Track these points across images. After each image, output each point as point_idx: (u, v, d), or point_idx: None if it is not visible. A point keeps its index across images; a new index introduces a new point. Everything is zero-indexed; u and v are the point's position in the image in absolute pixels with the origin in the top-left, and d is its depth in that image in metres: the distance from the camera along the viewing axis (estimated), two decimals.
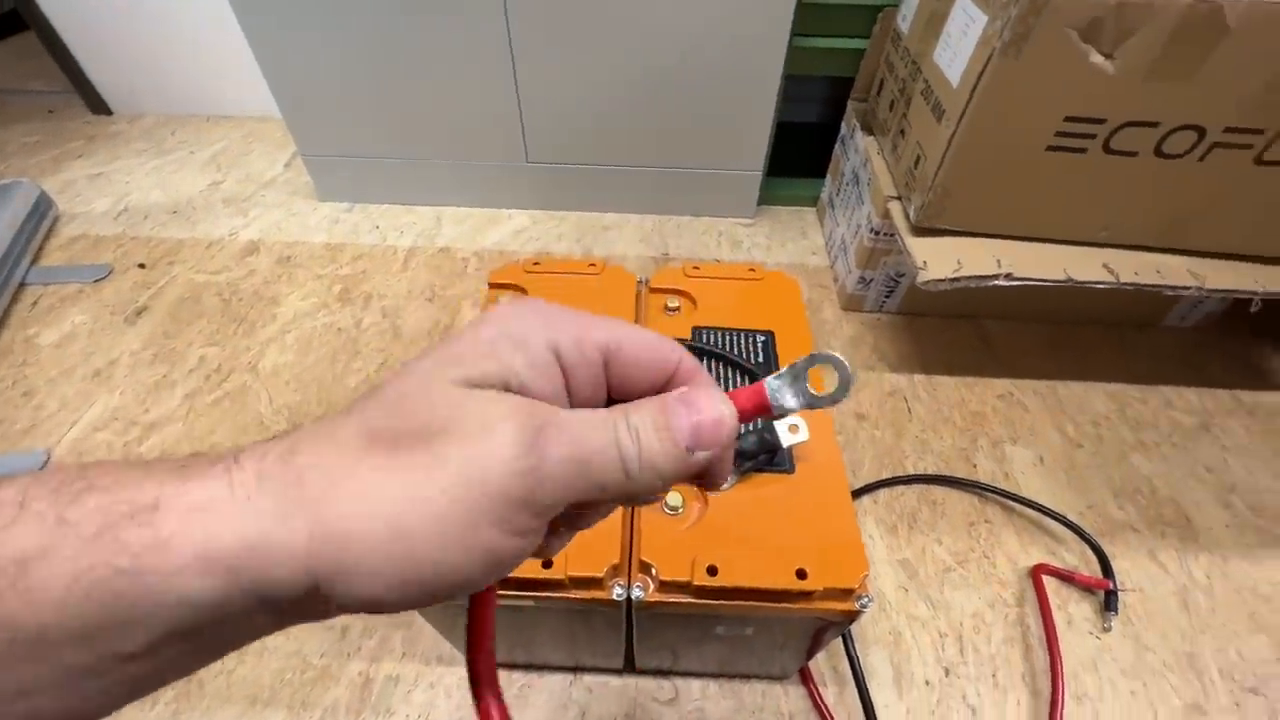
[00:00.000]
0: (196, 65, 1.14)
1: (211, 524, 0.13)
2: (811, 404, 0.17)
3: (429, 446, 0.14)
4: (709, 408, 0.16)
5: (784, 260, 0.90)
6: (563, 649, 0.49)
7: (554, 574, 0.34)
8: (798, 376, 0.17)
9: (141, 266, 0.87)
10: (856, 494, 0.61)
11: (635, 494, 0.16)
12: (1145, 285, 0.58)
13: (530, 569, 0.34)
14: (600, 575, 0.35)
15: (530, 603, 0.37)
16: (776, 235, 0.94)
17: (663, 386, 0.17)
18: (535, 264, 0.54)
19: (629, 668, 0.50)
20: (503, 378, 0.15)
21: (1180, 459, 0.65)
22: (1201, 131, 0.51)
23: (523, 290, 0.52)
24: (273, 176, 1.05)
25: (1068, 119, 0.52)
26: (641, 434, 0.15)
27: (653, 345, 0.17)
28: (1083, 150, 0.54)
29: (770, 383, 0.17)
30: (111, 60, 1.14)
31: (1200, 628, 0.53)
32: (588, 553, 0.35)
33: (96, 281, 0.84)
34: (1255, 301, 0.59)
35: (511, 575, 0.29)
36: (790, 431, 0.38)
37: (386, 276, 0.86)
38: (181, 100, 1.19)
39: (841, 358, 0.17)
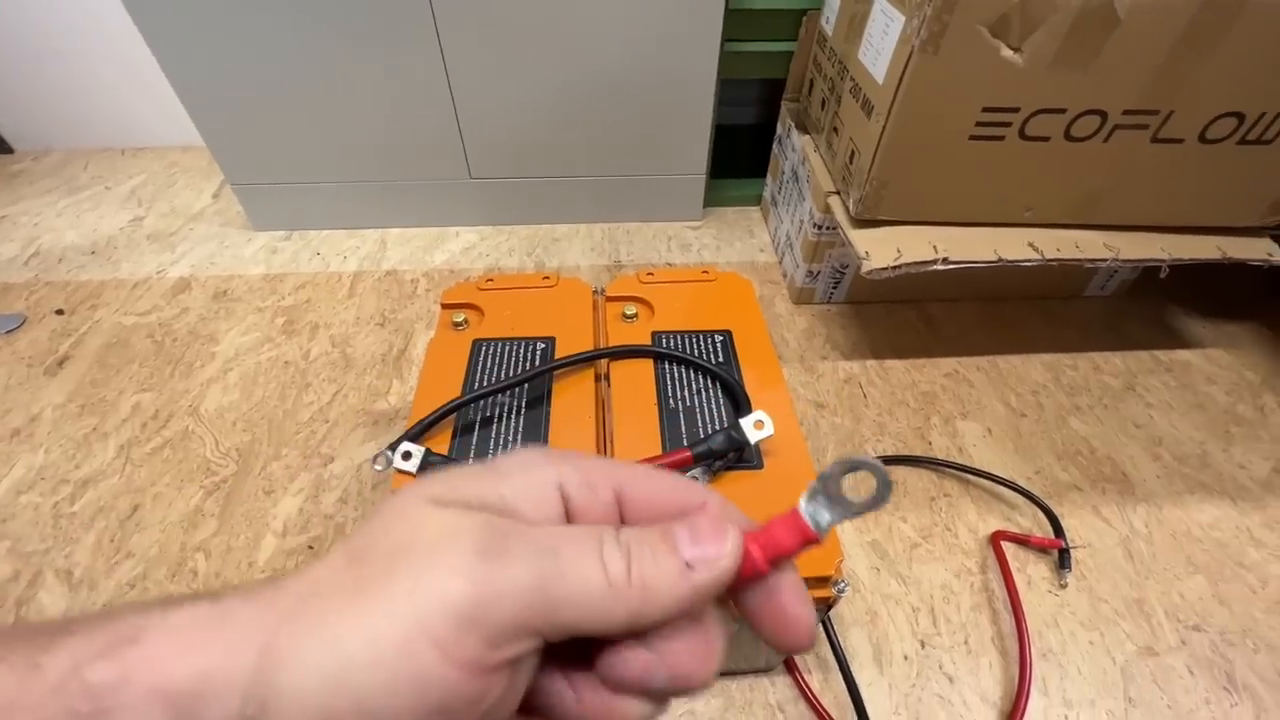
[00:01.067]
0: (107, 96, 1.07)
1: (174, 654, 0.12)
2: (853, 514, 0.15)
3: (390, 566, 0.13)
4: (711, 524, 0.14)
5: (733, 259, 0.92)
6: None
7: None
8: (829, 488, 0.15)
9: (60, 313, 0.81)
10: None
11: (621, 623, 0.13)
12: (1067, 260, 0.62)
13: None
14: None
15: None
16: (724, 235, 0.96)
17: None
18: (489, 280, 0.53)
19: None
20: (481, 499, 0.14)
21: (1111, 419, 0.70)
22: (1104, 115, 0.56)
23: (477, 309, 0.51)
24: (201, 208, 1.00)
25: (985, 109, 0.55)
26: (633, 547, 0.13)
27: (672, 485, 0.16)
28: (1001, 138, 0.57)
29: (803, 506, 0.16)
30: (8, 94, 1.06)
31: (1144, 574, 0.57)
32: None
33: (9, 333, 0.78)
34: (1164, 268, 0.64)
35: None
36: (756, 428, 0.39)
37: (333, 304, 0.84)
38: (92, 133, 1.12)
39: (873, 460, 0.15)
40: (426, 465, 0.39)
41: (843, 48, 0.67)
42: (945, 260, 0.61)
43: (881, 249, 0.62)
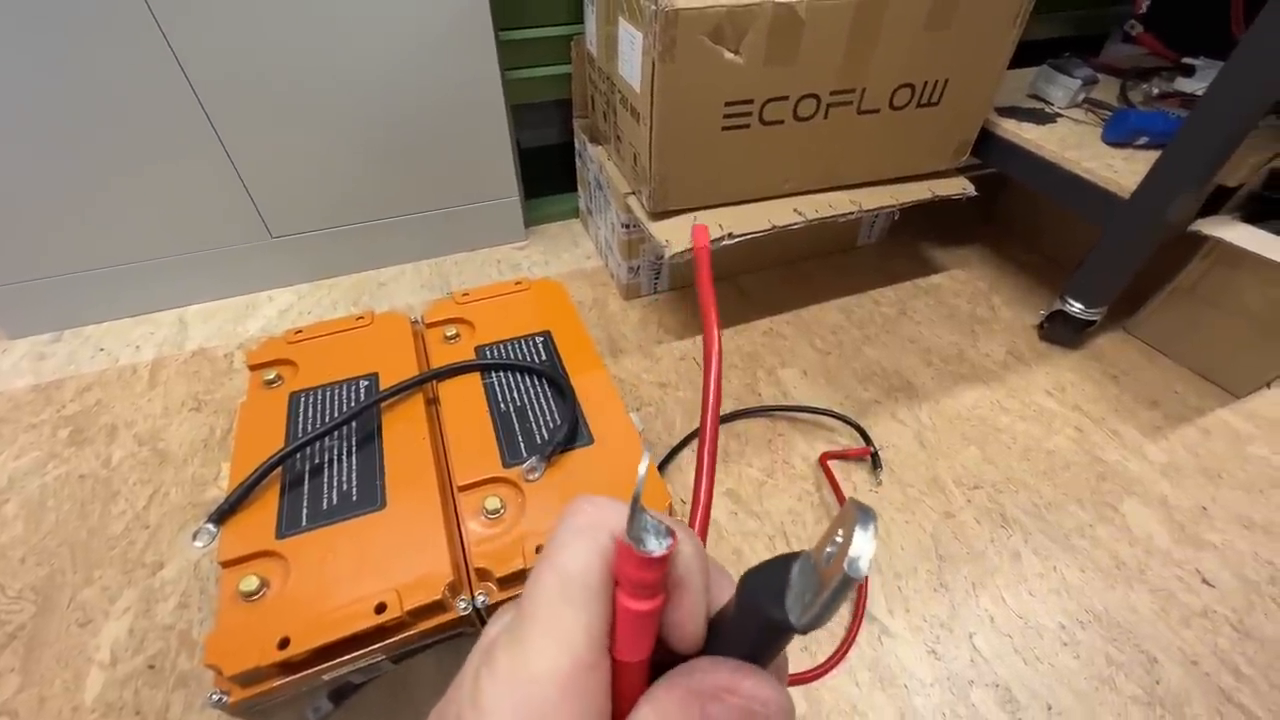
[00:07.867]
0: None
1: None
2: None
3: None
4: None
5: (563, 270, 0.96)
6: None
7: (391, 615, 0.34)
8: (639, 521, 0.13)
9: None
10: (677, 449, 0.69)
11: None
12: (826, 217, 0.74)
13: (365, 617, 0.34)
14: (439, 598, 0.36)
15: (381, 657, 0.36)
16: (551, 250, 1.00)
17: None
18: (297, 333, 0.52)
19: None
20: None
21: (893, 341, 0.85)
22: (818, 98, 0.68)
23: (290, 362, 0.50)
24: None
25: (727, 104, 0.65)
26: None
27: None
28: (747, 126, 0.67)
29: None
30: None
31: (934, 456, 0.70)
32: (418, 583, 0.36)
33: None
34: (895, 212, 0.78)
35: (350, 633, 0.33)
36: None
37: (132, 399, 0.75)
38: None
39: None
40: None
41: (607, 66, 0.74)
42: (731, 235, 0.70)
43: (678, 235, 0.70)
